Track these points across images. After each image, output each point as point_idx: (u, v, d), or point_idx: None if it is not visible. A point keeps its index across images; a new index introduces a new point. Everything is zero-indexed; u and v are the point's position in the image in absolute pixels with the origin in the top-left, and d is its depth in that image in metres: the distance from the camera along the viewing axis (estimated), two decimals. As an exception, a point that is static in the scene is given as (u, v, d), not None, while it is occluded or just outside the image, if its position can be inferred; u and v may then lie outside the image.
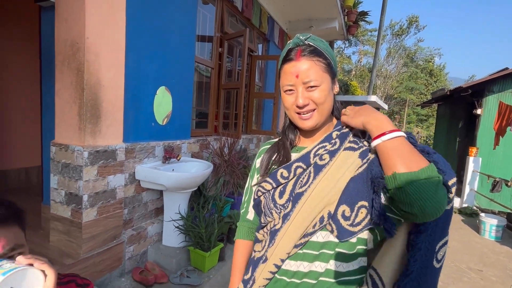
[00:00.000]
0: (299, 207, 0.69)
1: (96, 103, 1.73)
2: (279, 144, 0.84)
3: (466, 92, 6.14)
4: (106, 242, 1.88)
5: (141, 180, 2.09)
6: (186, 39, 2.50)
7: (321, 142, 0.76)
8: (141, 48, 2.03)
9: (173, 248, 2.20)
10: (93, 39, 1.66)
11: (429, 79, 22.88)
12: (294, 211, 0.70)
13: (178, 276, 1.98)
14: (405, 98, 22.06)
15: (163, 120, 2.30)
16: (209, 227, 2.15)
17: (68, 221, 1.76)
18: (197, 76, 3.14)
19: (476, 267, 3.15)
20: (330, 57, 0.73)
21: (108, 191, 1.86)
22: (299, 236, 0.69)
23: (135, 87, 2.02)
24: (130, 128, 2.02)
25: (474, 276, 2.92)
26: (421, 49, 23.80)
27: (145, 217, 2.25)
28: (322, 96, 0.71)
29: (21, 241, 0.59)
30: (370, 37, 22.48)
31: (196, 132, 3.00)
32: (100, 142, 1.78)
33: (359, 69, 23.72)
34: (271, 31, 4.45)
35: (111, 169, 1.86)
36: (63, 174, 1.76)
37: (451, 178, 0.60)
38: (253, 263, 0.77)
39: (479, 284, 2.76)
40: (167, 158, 2.24)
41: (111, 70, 1.80)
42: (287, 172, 0.75)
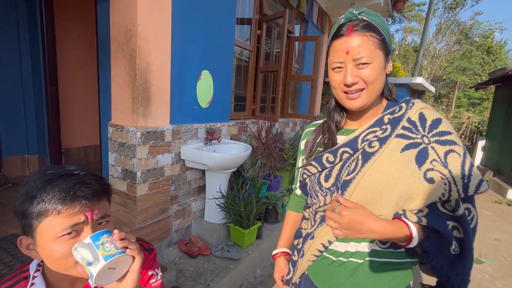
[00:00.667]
0: (348, 195, 0.68)
1: (146, 87, 1.86)
2: (324, 126, 0.83)
3: (532, 72, 5.40)
4: (156, 215, 2.07)
5: (186, 159, 2.23)
6: (226, 23, 2.52)
7: (371, 127, 0.72)
8: (185, 33, 2.10)
9: (214, 224, 2.35)
10: (143, 26, 1.76)
11: (486, 57, 20.37)
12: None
13: (220, 250, 2.13)
14: (455, 80, 20.01)
15: (206, 104, 2.40)
16: (248, 206, 2.25)
17: (125, 194, 1.96)
18: (235, 60, 3.17)
19: (532, 263, 2.90)
20: (385, 33, 0.68)
21: (157, 169, 2.02)
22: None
23: (180, 71, 2.12)
24: (175, 111, 2.14)
25: (529, 272, 2.70)
26: (478, 23, 21.12)
27: (189, 194, 2.41)
28: (373, 74, 0.67)
29: (108, 211, 0.66)
30: (418, 12, 20.45)
31: (235, 115, 3.07)
32: (150, 123, 1.93)
33: (403, 49, 21.89)
34: (310, 10, 4.28)
35: (160, 149, 2.01)
36: (119, 152, 1.94)
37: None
38: (303, 237, 0.80)
39: (534, 282, 2.55)
40: (209, 140, 2.34)
41: (159, 55, 1.90)
42: (333, 156, 0.75)
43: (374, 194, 0.66)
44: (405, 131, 0.68)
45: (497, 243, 3.34)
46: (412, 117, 0.69)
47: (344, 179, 0.70)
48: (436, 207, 0.64)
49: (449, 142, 0.64)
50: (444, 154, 0.63)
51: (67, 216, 0.57)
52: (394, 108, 0.73)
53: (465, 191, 0.61)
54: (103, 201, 0.64)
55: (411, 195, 0.64)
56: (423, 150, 0.65)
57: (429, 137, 0.66)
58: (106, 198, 0.66)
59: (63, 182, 0.58)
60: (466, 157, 0.63)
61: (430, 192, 0.63)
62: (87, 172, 0.64)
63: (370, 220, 0.62)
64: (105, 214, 0.64)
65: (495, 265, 2.80)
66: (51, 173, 0.60)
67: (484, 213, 4.46)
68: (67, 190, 0.57)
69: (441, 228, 0.62)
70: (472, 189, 0.61)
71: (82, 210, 0.58)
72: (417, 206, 0.64)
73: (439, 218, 0.64)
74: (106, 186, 0.66)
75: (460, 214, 0.62)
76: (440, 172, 0.62)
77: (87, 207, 0.59)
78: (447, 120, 0.69)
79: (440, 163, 0.63)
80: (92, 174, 0.64)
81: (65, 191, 0.57)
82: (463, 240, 0.63)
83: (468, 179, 0.61)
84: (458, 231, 0.64)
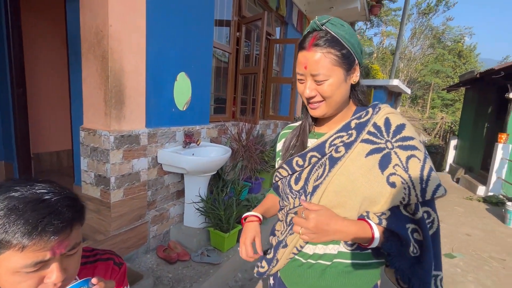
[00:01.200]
0: (317, 200, 0.70)
1: (120, 89, 1.80)
2: (301, 127, 0.84)
3: (498, 75, 5.75)
4: (132, 221, 2.01)
5: (163, 163, 2.18)
6: (204, 24, 2.50)
7: (338, 132, 0.74)
8: (161, 34, 2.06)
9: (193, 229, 2.31)
10: (116, 27, 1.70)
11: (458, 61, 21.51)
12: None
13: (199, 255, 2.09)
14: (429, 82, 20.96)
15: (183, 106, 2.36)
16: (228, 209, 2.23)
17: (98, 201, 1.88)
18: (215, 62, 3.15)
19: (499, 256, 3.07)
20: (349, 45, 0.67)
21: (133, 174, 1.96)
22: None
23: (156, 73, 2.07)
24: (152, 114, 2.09)
25: (496, 265, 2.86)
26: (450, 28, 22.28)
27: (167, 199, 2.36)
28: (329, 90, 0.68)
29: (80, 237, 0.58)
30: (394, 17, 21.27)
31: (214, 118, 3.05)
32: (124, 127, 1.87)
33: (381, 52, 22.67)
34: (290, 13, 4.33)
35: (135, 153, 1.95)
36: (92, 157, 1.86)
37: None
38: (275, 246, 0.80)
39: (501, 273, 2.70)
40: (187, 143, 2.30)
41: (133, 56, 1.85)
42: (302, 160, 0.76)
43: (339, 198, 0.68)
44: (370, 136, 0.69)
45: (468, 238, 3.51)
46: (378, 122, 0.70)
47: (313, 185, 0.72)
48: (398, 210, 0.67)
49: (411, 148, 0.66)
50: (406, 159, 0.65)
51: (32, 252, 0.50)
52: (361, 113, 0.74)
53: (422, 196, 0.63)
54: (76, 229, 0.57)
55: (374, 199, 0.65)
56: (387, 155, 0.66)
57: (393, 142, 0.67)
58: (79, 224, 0.59)
59: (31, 212, 0.50)
60: (426, 162, 0.65)
61: (392, 196, 0.64)
62: (59, 197, 0.55)
63: (335, 221, 0.64)
64: (76, 243, 0.57)
65: (466, 259, 2.93)
66: (17, 196, 0.52)
67: (456, 210, 4.68)
68: (34, 223, 0.49)
69: (399, 230, 0.64)
70: (429, 194, 0.63)
71: (49, 246, 0.51)
72: (380, 210, 0.66)
73: (399, 221, 0.65)
74: (80, 211, 0.59)
75: (419, 217, 0.65)
76: (401, 176, 0.64)
77: (56, 242, 0.52)
78: (411, 125, 0.71)
79: (401, 167, 0.65)
80: (66, 199, 0.56)
81: (32, 224, 0.49)
82: (422, 243, 0.65)
83: (426, 184, 0.63)
84: (418, 234, 0.66)
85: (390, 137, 0.68)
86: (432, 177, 0.64)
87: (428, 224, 0.66)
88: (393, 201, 0.64)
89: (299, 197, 0.74)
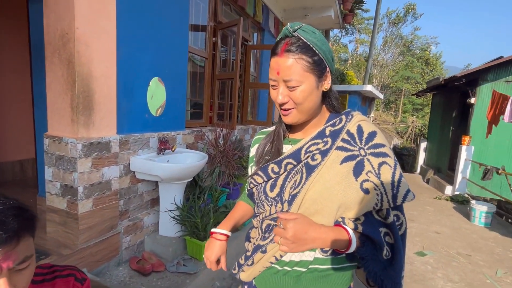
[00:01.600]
0: (295, 210, 0.69)
1: (88, 94, 1.72)
2: (275, 133, 0.83)
3: (460, 82, 6.16)
4: (103, 232, 1.91)
5: (136, 171, 2.10)
6: (178, 29, 2.46)
7: (313, 139, 0.74)
8: (133, 38, 2.00)
9: (169, 238, 2.24)
10: (83, 30, 1.63)
11: (425, 68, 22.86)
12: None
13: (175, 265, 2.03)
14: (401, 88, 22.07)
15: (156, 111, 2.30)
16: (205, 217, 2.18)
17: (64, 212, 1.77)
18: (191, 67, 3.11)
19: (465, 252, 3.25)
20: (320, 52, 0.68)
21: (103, 183, 1.87)
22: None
23: (128, 78, 2.01)
24: (123, 120, 2.02)
25: (463, 260, 3.02)
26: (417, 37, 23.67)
27: (141, 208, 2.27)
28: (301, 96, 0.68)
29: (31, 250, 0.55)
30: (367, 25, 22.26)
31: (191, 123, 3.00)
32: (93, 134, 1.78)
33: (355, 58, 23.58)
34: (266, 20, 4.39)
35: (106, 161, 1.87)
36: (57, 166, 1.76)
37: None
38: (254, 247, 0.79)
39: (467, 269, 2.86)
40: (162, 150, 2.24)
41: (103, 61, 1.78)
42: (277, 167, 0.76)
43: (316, 205, 0.68)
44: (344, 143, 0.71)
45: (437, 236, 3.69)
46: (351, 130, 0.72)
47: (291, 193, 0.72)
48: (371, 215, 0.69)
49: (382, 154, 0.68)
50: (378, 165, 0.67)
51: None
52: (335, 120, 0.76)
53: (394, 201, 0.66)
54: (25, 241, 0.53)
55: (349, 205, 0.67)
56: (360, 162, 0.68)
57: (365, 149, 0.69)
58: (29, 235, 0.55)
59: None
60: (396, 169, 0.67)
61: (366, 202, 0.66)
62: (3, 206, 0.52)
63: (313, 228, 0.65)
64: (26, 256, 0.53)
65: (436, 256, 3.08)
66: None
67: (426, 209, 4.92)
68: None
69: (374, 235, 0.66)
70: (399, 199, 0.66)
71: None
72: (355, 215, 0.67)
73: (373, 225, 0.67)
74: (29, 221, 0.55)
75: (391, 221, 0.67)
76: (374, 183, 0.66)
77: (1, 255, 0.49)
78: (381, 132, 0.73)
79: (374, 174, 0.67)
80: (11, 208, 0.52)
81: None
82: (393, 245, 0.68)
83: (397, 190, 0.66)
84: (390, 237, 0.68)
85: (362, 144, 0.70)
86: (402, 183, 0.66)
87: (398, 227, 0.69)
88: (367, 207, 0.66)
89: (275, 204, 0.74)
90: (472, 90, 6.10)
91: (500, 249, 3.40)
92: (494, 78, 5.99)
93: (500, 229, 4.09)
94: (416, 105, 21.73)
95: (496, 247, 3.46)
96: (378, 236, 0.66)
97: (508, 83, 5.93)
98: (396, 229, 0.67)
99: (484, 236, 3.79)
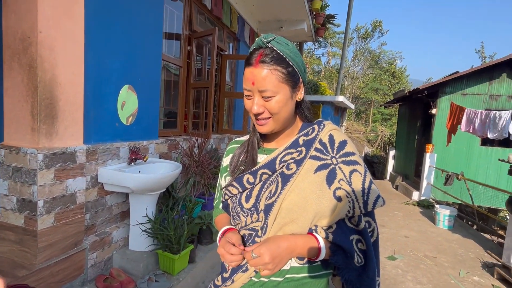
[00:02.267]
0: (272, 220, 0.69)
1: (51, 102, 1.62)
2: (249, 142, 0.83)
3: (422, 94, 6.63)
4: (66, 250, 1.77)
5: (105, 183, 1.99)
6: (152, 36, 2.42)
7: (287, 148, 0.75)
8: (103, 43, 1.93)
9: (140, 253, 2.13)
10: (47, 33, 1.54)
11: (392, 80, 24.35)
12: (268, 223, 0.69)
13: (146, 281, 1.92)
14: (370, 98, 23.26)
15: (127, 120, 2.21)
16: (178, 229, 2.11)
17: (21, 229, 1.62)
18: (165, 75, 3.05)
19: (431, 254, 3.42)
20: (293, 63, 0.69)
21: (67, 196, 1.74)
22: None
23: (97, 85, 1.92)
24: (91, 129, 1.91)
25: (430, 263, 3.17)
26: (384, 52, 25.24)
27: (109, 221, 2.14)
28: (277, 106, 0.69)
29: None
30: (338, 39, 23.36)
31: (165, 132, 2.92)
32: (57, 143, 1.67)
33: (328, 70, 24.54)
34: (242, 30, 4.45)
35: (70, 172, 1.75)
36: (14, 179, 1.62)
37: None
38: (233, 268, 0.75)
39: (434, 270, 3.00)
40: (133, 160, 2.15)
41: (69, 66, 1.69)
42: (253, 177, 0.75)
43: (291, 214, 0.68)
44: (317, 152, 0.72)
45: (406, 240, 3.86)
46: (323, 139, 0.74)
47: (266, 202, 0.71)
48: (343, 223, 0.69)
49: (353, 162, 0.70)
50: (349, 173, 0.69)
51: None
52: (308, 129, 0.77)
53: (365, 207, 0.67)
54: None
55: (323, 213, 0.67)
56: (332, 170, 0.69)
57: (337, 158, 0.71)
58: None
59: None
60: (366, 176, 0.69)
61: (339, 210, 0.67)
62: None
63: (283, 240, 0.66)
64: None
65: (405, 260, 3.21)
66: None
67: (396, 214, 5.14)
68: None
69: (343, 244, 0.66)
70: (370, 206, 0.68)
71: None
72: (329, 223, 0.68)
73: (344, 233, 0.68)
74: None
75: (362, 228, 0.68)
76: (346, 190, 0.67)
77: None
78: (351, 141, 0.76)
79: (346, 182, 0.68)
80: None
81: None
82: (366, 252, 0.68)
83: (367, 197, 0.67)
84: (362, 244, 0.69)
85: (334, 153, 0.72)
86: (372, 189, 0.68)
87: (370, 233, 0.70)
88: (340, 214, 0.67)
89: (251, 215, 0.73)
90: (433, 102, 6.58)
91: (462, 250, 3.63)
92: (451, 91, 6.52)
93: (462, 231, 4.38)
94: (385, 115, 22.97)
95: (459, 248, 3.68)
96: (348, 244, 0.67)
97: (464, 95, 6.48)
98: (367, 236, 0.68)
99: (448, 238, 4.03)
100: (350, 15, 7.83)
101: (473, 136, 6.11)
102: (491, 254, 3.50)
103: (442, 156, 6.54)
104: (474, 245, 3.82)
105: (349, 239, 0.68)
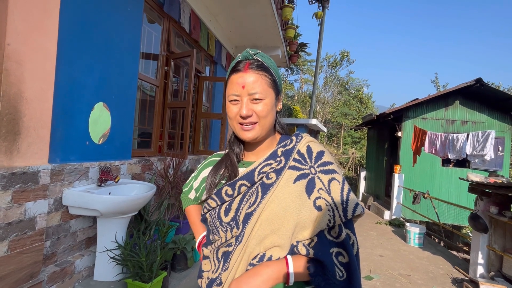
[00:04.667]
0: (250, 229, 0.67)
1: (14, 117, 1.50)
2: (226, 158, 0.83)
3: (388, 117, 7.10)
4: (19, 283, 1.57)
5: (70, 205, 1.83)
6: (128, 55, 2.39)
7: (266, 159, 0.75)
8: (76, 60, 1.87)
9: (106, 283, 1.94)
10: (16, 46, 1.47)
11: (360, 106, 25.92)
12: (245, 232, 0.68)
13: (112, 315, 1.74)
14: (341, 122, 24.42)
15: (99, 139, 2.11)
16: (151, 255, 1.97)
17: (-34, 261, 1.42)
18: (140, 94, 3.00)
19: (405, 272, 3.49)
20: (276, 75, 0.76)
21: (25, 221, 1.58)
22: (253, 257, 0.68)
23: (67, 102, 1.83)
24: (58, 147, 1.79)
25: (404, 281, 3.23)
26: (352, 79, 27.03)
27: (72, 249, 1.95)
28: (265, 110, 0.72)
29: None
30: (310, 67, 24.72)
31: (138, 152, 2.81)
32: (17, 162, 1.53)
33: (301, 95, 25.63)
34: (219, 54, 4.57)
35: (31, 194, 1.60)
36: (-37, 203, 1.44)
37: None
38: (208, 284, 0.72)
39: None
40: (103, 180, 2.03)
41: (38, 81, 1.60)
42: (231, 189, 0.74)
43: (272, 225, 0.67)
44: (296, 162, 0.73)
45: (381, 259, 3.92)
46: (301, 150, 0.75)
47: (246, 212, 0.69)
48: (323, 236, 0.68)
49: (331, 171, 0.71)
50: (328, 182, 0.70)
51: None
52: (286, 141, 0.78)
53: (345, 215, 0.67)
54: None
55: (304, 224, 0.66)
56: (311, 180, 0.70)
57: (315, 167, 0.72)
58: None
59: None
60: (344, 184, 0.71)
61: (319, 219, 0.66)
62: None
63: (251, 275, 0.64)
64: None
65: (381, 279, 3.23)
66: None
67: (370, 234, 5.25)
68: None
69: (324, 259, 0.64)
70: (350, 213, 0.67)
71: None
72: (310, 235, 0.66)
73: (324, 247, 0.66)
74: None
75: (343, 239, 0.67)
76: (325, 199, 0.67)
77: None
78: (329, 152, 0.78)
79: (325, 191, 0.69)
80: None
81: None
82: (349, 264, 0.66)
83: (346, 204, 0.68)
84: (343, 256, 0.67)
85: (313, 163, 0.73)
86: (351, 197, 0.69)
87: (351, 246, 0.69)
88: (321, 224, 0.66)
89: (231, 229, 0.70)
90: (398, 125, 7.05)
91: (433, 267, 3.74)
92: (414, 116, 7.06)
93: (431, 248, 4.55)
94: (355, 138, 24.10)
95: (429, 265, 3.80)
96: (328, 257, 0.65)
97: (425, 120, 7.03)
98: (349, 247, 0.67)
99: (419, 256, 4.16)
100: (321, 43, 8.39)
101: (435, 157, 6.57)
102: (459, 269, 3.65)
103: (409, 176, 6.91)
104: (443, 261, 3.96)
105: (329, 252, 0.66)
